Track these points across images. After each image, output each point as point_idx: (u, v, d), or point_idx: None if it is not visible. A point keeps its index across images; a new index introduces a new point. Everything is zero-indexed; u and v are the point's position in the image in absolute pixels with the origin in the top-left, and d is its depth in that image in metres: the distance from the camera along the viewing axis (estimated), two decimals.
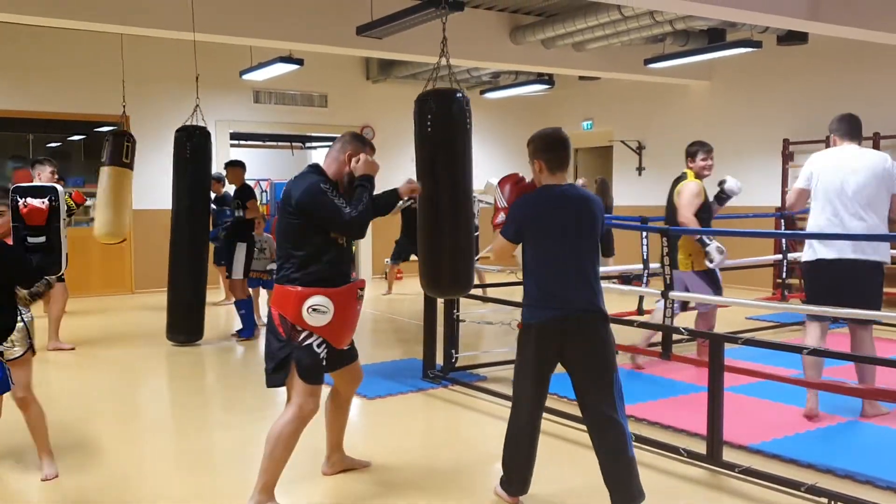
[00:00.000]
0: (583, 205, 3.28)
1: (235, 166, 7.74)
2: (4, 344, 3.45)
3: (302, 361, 3.30)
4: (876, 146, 9.26)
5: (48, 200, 2.94)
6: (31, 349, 3.69)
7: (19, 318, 3.54)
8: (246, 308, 7.47)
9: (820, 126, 9.78)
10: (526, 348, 3.31)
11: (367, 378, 3.97)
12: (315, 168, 3.49)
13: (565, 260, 3.22)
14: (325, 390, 3.31)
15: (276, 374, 3.35)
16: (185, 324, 7.12)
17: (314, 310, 3.26)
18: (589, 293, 3.23)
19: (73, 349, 6.85)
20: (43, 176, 6.51)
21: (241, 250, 7.36)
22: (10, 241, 3.33)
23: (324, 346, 3.34)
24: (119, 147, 7.19)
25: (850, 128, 4.73)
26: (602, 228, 3.34)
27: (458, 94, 4.83)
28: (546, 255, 3.24)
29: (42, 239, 2.94)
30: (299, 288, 3.29)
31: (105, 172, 7.14)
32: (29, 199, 2.94)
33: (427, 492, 3.72)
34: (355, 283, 3.46)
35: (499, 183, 3.55)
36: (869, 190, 4.52)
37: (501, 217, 3.43)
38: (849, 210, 4.53)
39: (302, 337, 3.29)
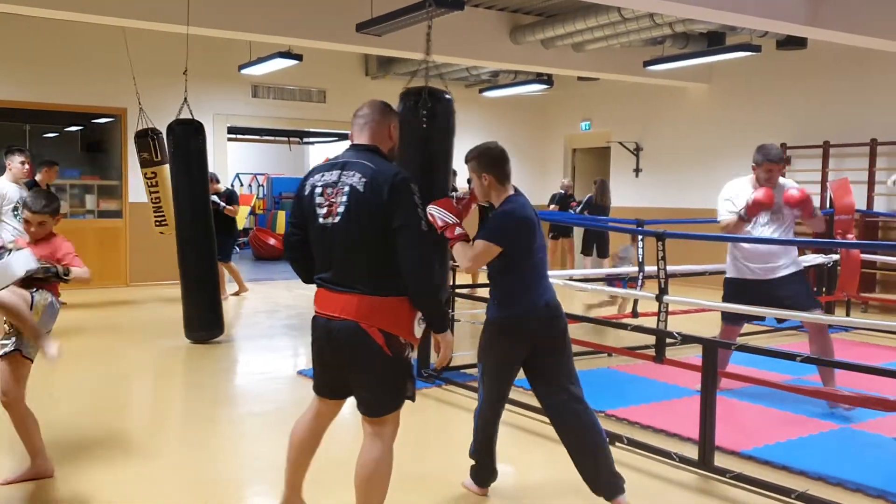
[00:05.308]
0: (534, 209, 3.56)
1: None
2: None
3: (413, 380, 2.95)
4: (873, 153, 9.30)
5: None
6: (17, 350, 3.55)
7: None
8: None
9: (818, 132, 9.83)
10: (500, 344, 3.49)
11: None
12: (393, 164, 2.97)
13: (542, 259, 3.49)
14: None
15: (391, 404, 2.91)
16: (204, 321, 6.99)
17: (422, 320, 2.90)
18: (551, 286, 3.53)
19: None
20: (13, 167, 6.42)
21: None
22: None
23: None
24: (144, 147, 8.12)
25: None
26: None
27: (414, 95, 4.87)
28: (538, 254, 3.46)
29: None
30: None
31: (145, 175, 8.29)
32: None
33: (417, 491, 3.72)
34: None
35: (436, 203, 3.51)
36: None
37: (459, 230, 3.48)
38: None
39: (407, 352, 2.91)
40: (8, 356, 3.57)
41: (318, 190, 2.87)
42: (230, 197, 9.37)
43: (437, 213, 3.44)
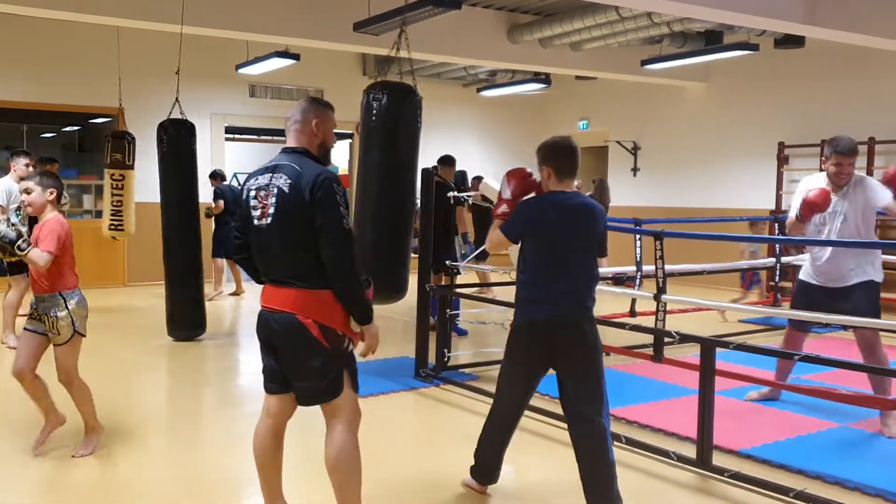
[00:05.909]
0: (584, 212, 3.38)
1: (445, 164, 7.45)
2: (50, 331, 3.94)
3: (352, 371, 3.01)
4: (871, 151, 9.29)
5: None
6: (76, 333, 3.96)
7: (63, 305, 3.90)
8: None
9: (816, 130, 9.82)
10: (517, 346, 3.44)
11: (359, 376, 3.95)
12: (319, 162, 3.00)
13: (562, 264, 3.32)
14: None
15: (326, 394, 2.95)
16: (187, 318, 7.03)
17: None
18: (580, 297, 3.34)
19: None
20: (18, 168, 6.45)
21: None
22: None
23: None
24: (119, 149, 8.03)
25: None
26: (601, 234, 3.46)
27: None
28: (544, 257, 3.34)
29: None
30: None
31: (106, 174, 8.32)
32: None
33: (417, 490, 3.72)
34: None
35: (506, 174, 3.61)
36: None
37: (504, 208, 3.50)
38: None
39: (346, 344, 2.97)
40: (68, 343, 3.96)
41: (252, 193, 2.98)
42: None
43: (502, 185, 3.53)
